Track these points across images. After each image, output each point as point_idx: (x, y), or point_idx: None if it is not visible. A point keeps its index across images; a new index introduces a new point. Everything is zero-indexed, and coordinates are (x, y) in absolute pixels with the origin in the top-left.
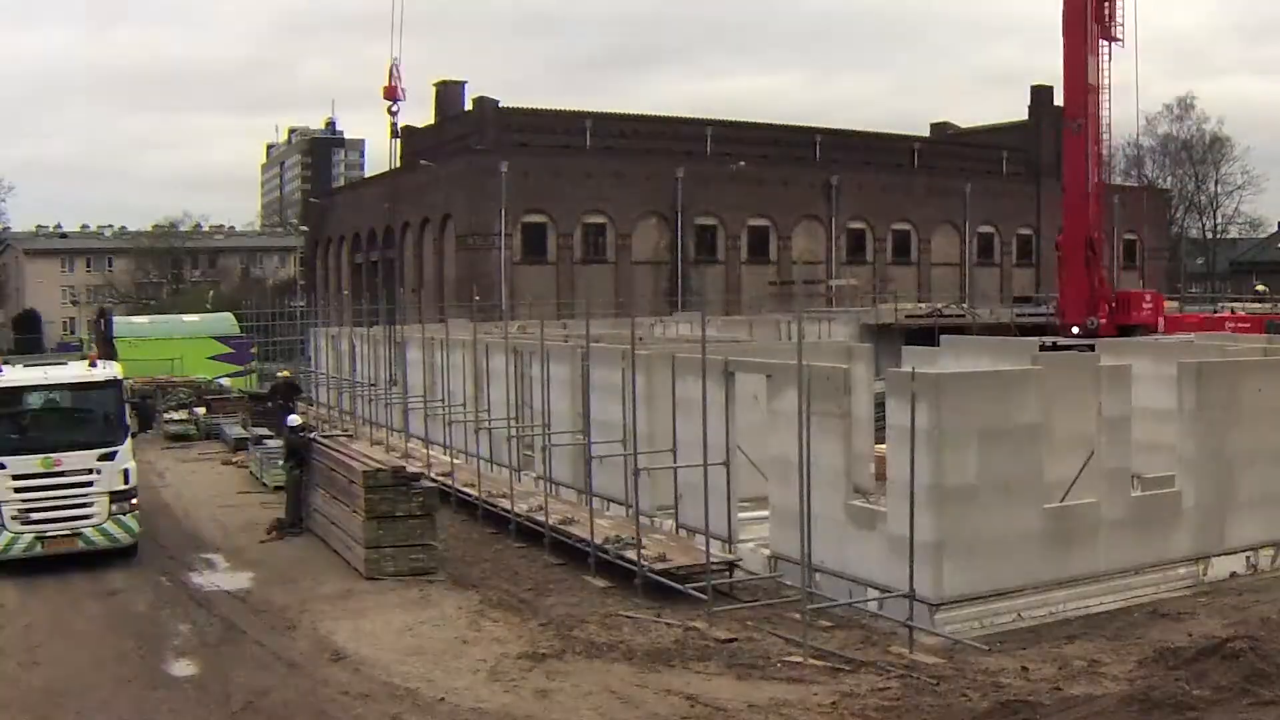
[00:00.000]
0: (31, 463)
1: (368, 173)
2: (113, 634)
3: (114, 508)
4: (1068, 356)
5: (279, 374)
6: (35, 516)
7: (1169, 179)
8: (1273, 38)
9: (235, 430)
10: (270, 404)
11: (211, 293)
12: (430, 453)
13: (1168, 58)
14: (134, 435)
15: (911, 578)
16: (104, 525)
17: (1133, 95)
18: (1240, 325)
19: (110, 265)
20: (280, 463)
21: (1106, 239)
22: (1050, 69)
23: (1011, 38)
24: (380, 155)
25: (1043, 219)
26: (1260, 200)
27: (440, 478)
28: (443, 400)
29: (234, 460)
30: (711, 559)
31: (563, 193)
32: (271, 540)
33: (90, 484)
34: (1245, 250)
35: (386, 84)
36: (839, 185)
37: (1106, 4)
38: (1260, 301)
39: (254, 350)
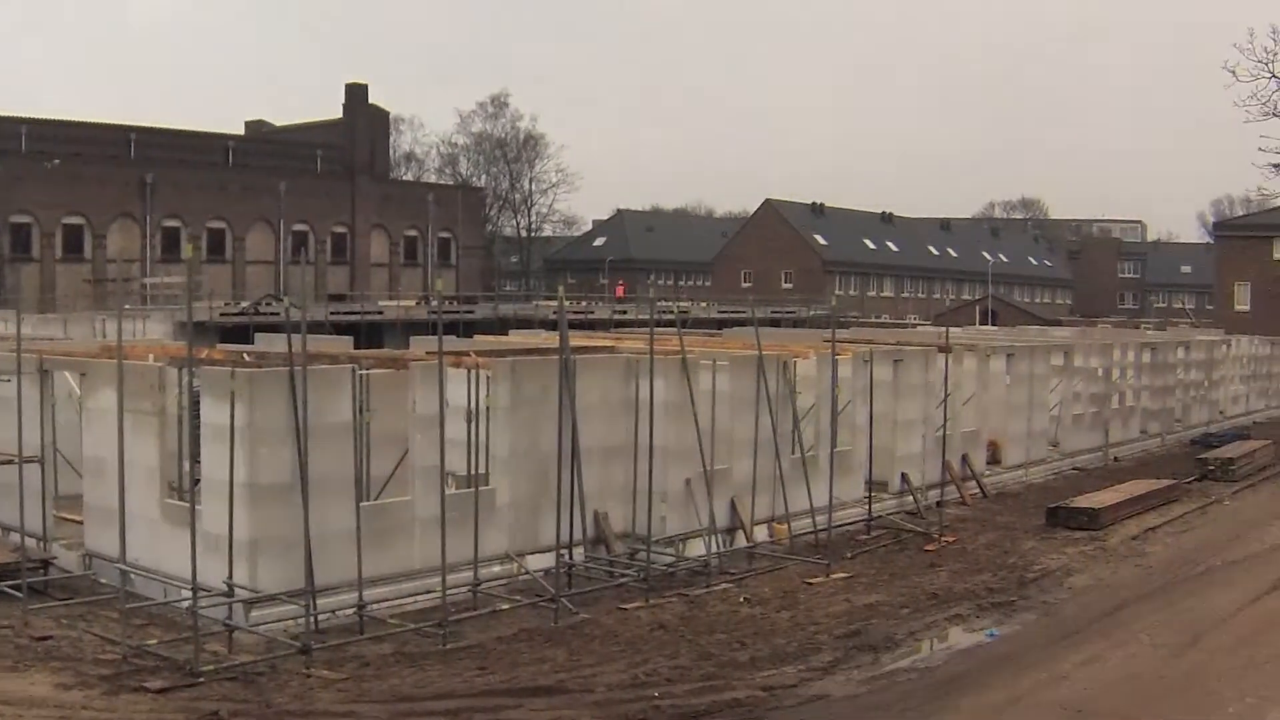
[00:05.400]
0: None
1: None
2: None
3: None
4: (384, 354)
5: None
6: None
7: (484, 177)
8: None
9: None
10: None
11: None
12: None
13: None
14: None
15: (231, 575)
16: None
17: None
18: None
19: None
20: None
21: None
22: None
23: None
24: None
25: (357, 217)
26: (575, 199)
27: None
28: None
29: None
30: (26, 557)
31: None
32: None
33: None
34: (559, 248)
35: None
36: (154, 183)
37: None
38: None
39: None
